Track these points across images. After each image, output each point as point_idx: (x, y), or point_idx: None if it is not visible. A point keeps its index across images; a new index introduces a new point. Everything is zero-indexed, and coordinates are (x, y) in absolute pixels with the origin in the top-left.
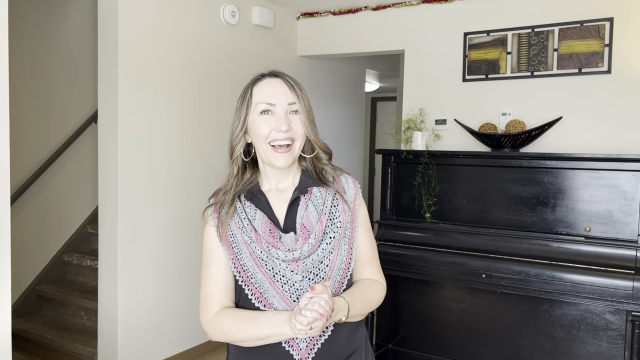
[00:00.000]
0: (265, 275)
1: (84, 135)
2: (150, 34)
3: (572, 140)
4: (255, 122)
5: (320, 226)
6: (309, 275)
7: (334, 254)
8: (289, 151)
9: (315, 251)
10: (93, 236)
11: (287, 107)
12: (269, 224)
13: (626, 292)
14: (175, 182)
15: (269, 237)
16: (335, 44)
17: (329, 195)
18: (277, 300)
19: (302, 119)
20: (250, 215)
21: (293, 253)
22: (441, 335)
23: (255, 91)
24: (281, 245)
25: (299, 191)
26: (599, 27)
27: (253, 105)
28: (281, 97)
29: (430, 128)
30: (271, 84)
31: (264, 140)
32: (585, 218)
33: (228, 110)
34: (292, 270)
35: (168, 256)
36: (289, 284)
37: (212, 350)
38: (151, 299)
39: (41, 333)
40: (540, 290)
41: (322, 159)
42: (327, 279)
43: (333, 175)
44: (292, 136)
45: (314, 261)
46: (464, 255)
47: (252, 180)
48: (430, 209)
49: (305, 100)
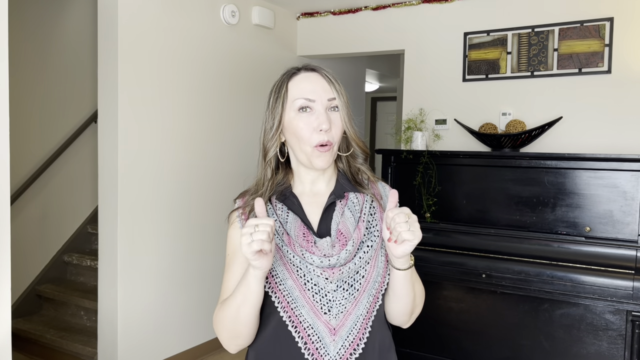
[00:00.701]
0: (295, 282)
1: (84, 135)
2: (150, 34)
3: (572, 140)
4: (292, 121)
5: (358, 233)
6: (344, 286)
7: (370, 264)
8: (329, 150)
9: (352, 260)
10: (93, 236)
11: (327, 104)
12: (302, 227)
13: (626, 292)
14: (175, 182)
15: (303, 242)
16: (335, 44)
17: (367, 202)
18: (306, 310)
19: (342, 116)
20: (282, 218)
21: (329, 259)
22: (441, 335)
23: (292, 86)
24: (316, 251)
25: (335, 196)
26: (599, 27)
27: (289, 101)
28: (320, 92)
29: (430, 128)
30: (309, 78)
31: (304, 141)
32: (585, 218)
33: (228, 109)
34: (327, 278)
35: (168, 256)
36: (321, 294)
37: (212, 350)
38: (151, 299)
39: (41, 333)
40: (540, 290)
41: (357, 159)
42: (362, 292)
43: (369, 177)
44: (332, 137)
45: (350, 270)
46: (464, 255)
47: (284, 181)
48: (430, 209)
49: (345, 95)
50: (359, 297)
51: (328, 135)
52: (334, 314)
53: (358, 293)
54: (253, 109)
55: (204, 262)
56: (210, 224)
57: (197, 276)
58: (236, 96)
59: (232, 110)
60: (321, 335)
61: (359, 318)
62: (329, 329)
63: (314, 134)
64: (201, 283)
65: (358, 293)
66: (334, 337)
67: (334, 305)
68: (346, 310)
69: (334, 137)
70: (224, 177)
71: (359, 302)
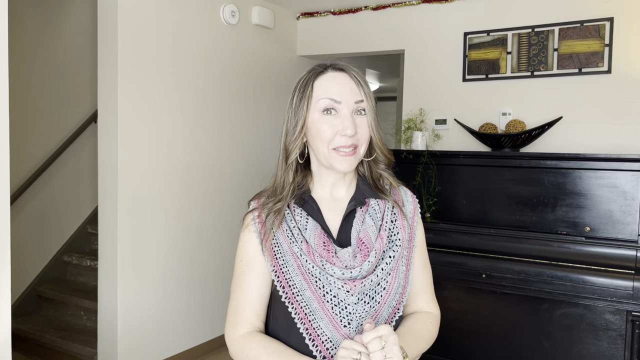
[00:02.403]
0: (314, 294)
1: (84, 135)
2: (150, 34)
3: (572, 140)
4: (316, 122)
5: (380, 243)
6: (365, 298)
7: (392, 275)
8: (353, 154)
9: (374, 271)
10: (93, 236)
11: (354, 107)
12: (322, 235)
13: (626, 292)
14: (175, 182)
15: (323, 251)
16: (335, 44)
17: (388, 209)
18: (325, 323)
19: (369, 121)
20: (301, 225)
21: (351, 271)
22: (441, 335)
23: (317, 85)
24: (337, 261)
25: (356, 202)
26: (599, 27)
27: (314, 101)
28: (348, 94)
29: (430, 128)
30: (336, 78)
31: (326, 144)
32: (585, 218)
33: (228, 109)
34: (348, 291)
35: (168, 256)
36: (341, 306)
37: (212, 350)
38: (151, 299)
39: (41, 333)
40: (540, 290)
41: (380, 164)
42: (382, 304)
43: (391, 182)
44: (357, 141)
45: (372, 282)
46: (464, 255)
47: (303, 184)
48: (431, 209)
49: (372, 99)
50: (379, 310)
51: (353, 140)
52: (354, 327)
53: (379, 305)
54: (253, 108)
55: (204, 262)
56: (210, 223)
57: (197, 276)
58: (236, 96)
59: (232, 110)
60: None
61: None
62: None
63: (337, 137)
64: (201, 283)
65: (379, 305)
66: None
67: (354, 318)
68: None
69: (359, 140)
70: (224, 177)
71: (380, 315)
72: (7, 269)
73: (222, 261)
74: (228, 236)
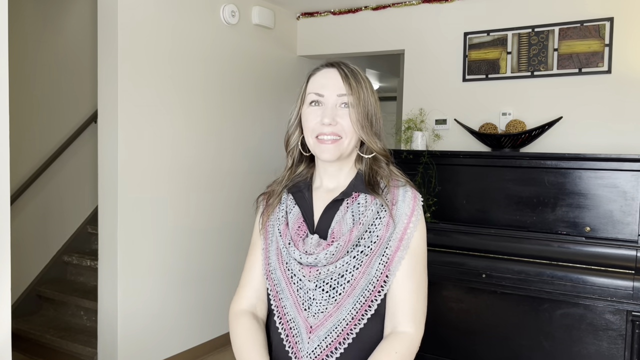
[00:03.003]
0: (283, 274)
1: (84, 135)
2: (150, 34)
3: (572, 140)
4: (304, 113)
5: (349, 236)
6: (324, 286)
7: (359, 270)
8: (335, 143)
9: (335, 262)
10: (93, 236)
11: (337, 99)
12: (300, 220)
13: (626, 292)
14: (175, 182)
15: (295, 234)
16: (335, 44)
17: (374, 205)
18: (290, 303)
19: (352, 113)
20: (289, 209)
21: (308, 257)
22: (441, 335)
23: (310, 82)
24: (301, 245)
25: (344, 194)
26: (599, 27)
27: (306, 95)
28: (331, 87)
29: (430, 128)
30: (325, 74)
31: (311, 133)
32: (585, 218)
33: (228, 109)
34: (305, 276)
35: (168, 256)
36: (304, 290)
37: (212, 350)
38: (151, 299)
39: (41, 333)
40: (540, 290)
41: (380, 162)
42: (345, 296)
43: (387, 183)
44: (338, 131)
45: (330, 272)
46: (464, 255)
47: (305, 174)
48: (431, 209)
49: (363, 92)
50: (341, 301)
51: (332, 128)
52: (312, 312)
53: (341, 297)
54: (253, 108)
55: (204, 262)
56: (210, 223)
57: (198, 276)
58: (236, 96)
59: (232, 110)
60: (300, 330)
61: (341, 322)
62: (306, 326)
63: (318, 126)
64: (201, 283)
65: (341, 297)
66: (310, 334)
67: (314, 304)
68: (327, 311)
69: (342, 131)
70: (224, 177)
71: (342, 306)
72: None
73: (223, 260)
74: (228, 236)
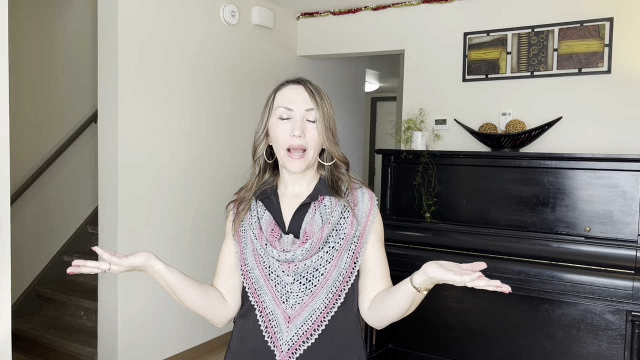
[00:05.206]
0: (261, 273)
1: (84, 135)
2: (150, 34)
3: (572, 140)
4: (274, 126)
5: (320, 234)
6: (301, 280)
7: (331, 264)
8: (302, 157)
9: (310, 257)
10: (93, 236)
11: (305, 114)
12: (272, 223)
13: (626, 292)
14: (175, 182)
15: (270, 236)
16: (335, 44)
17: (339, 207)
18: (269, 298)
19: (319, 127)
20: (260, 214)
21: (286, 254)
22: (441, 335)
23: (277, 96)
24: (277, 245)
25: (310, 198)
26: (599, 27)
27: (274, 109)
28: (300, 102)
29: (430, 128)
30: (292, 90)
31: (281, 146)
32: (585, 218)
33: (228, 109)
34: (284, 271)
35: (168, 256)
36: (281, 285)
37: (212, 350)
38: (151, 299)
39: (41, 333)
40: (540, 290)
41: (340, 168)
42: (319, 287)
43: (348, 186)
44: (305, 143)
45: (307, 266)
46: (464, 255)
47: (271, 181)
48: (430, 209)
49: (326, 108)
50: (316, 292)
51: (301, 140)
52: (290, 304)
53: (316, 288)
54: (253, 108)
55: (204, 262)
56: (210, 224)
57: (197, 276)
58: (236, 96)
59: (231, 110)
60: (279, 322)
61: (315, 311)
62: (285, 317)
63: (288, 138)
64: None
65: (316, 288)
66: (288, 324)
67: (291, 297)
68: (303, 302)
69: (308, 143)
70: (224, 176)
71: (317, 297)
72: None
73: None
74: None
